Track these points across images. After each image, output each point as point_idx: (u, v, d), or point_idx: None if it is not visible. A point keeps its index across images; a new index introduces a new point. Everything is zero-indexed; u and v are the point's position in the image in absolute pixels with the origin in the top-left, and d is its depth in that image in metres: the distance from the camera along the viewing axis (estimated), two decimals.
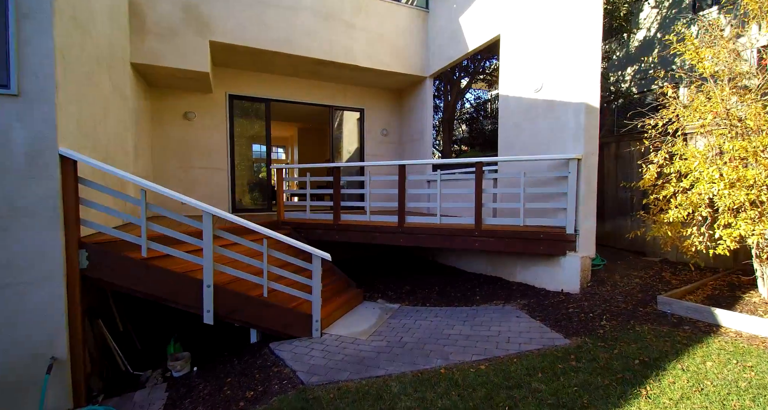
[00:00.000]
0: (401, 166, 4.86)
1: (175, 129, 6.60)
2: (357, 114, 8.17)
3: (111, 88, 4.29)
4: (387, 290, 5.42)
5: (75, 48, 3.34)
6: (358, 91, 8.04)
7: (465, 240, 4.58)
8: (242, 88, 7.05)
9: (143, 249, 3.27)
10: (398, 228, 4.87)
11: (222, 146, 6.96)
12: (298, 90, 7.50)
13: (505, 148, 5.30)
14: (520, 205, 4.40)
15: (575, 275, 4.19)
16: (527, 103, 4.89)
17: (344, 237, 5.25)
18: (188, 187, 6.70)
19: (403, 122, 8.41)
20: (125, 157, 4.78)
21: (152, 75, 5.73)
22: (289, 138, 17.05)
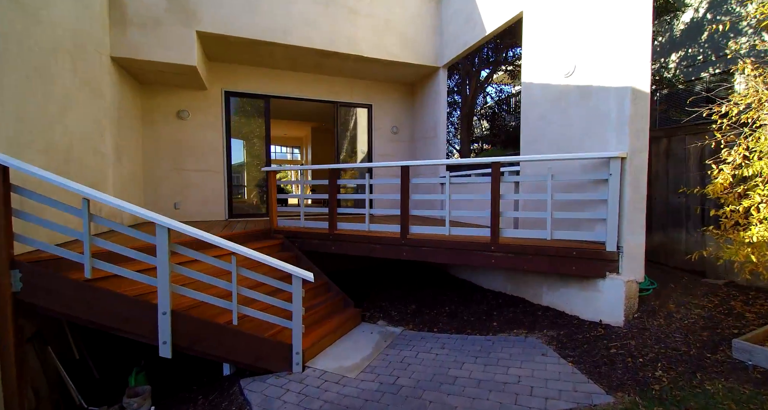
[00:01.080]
0: (404, 168, 4.19)
1: (168, 129, 6.21)
2: (365, 110, 7.55)
3: (78, 82, 3.86)
4: (390, 309, 4.76)
5: (15, 35, 2.89)
6: (365, 85, 7.42)
7: (479, 255, 3.85)
8: (239, 84, 6.59)
9: (86, 268, 2.77)
10: (400, 240, 4.20)
11: (218, 147, 6.52)
12: (301, 85, 6.97)
13: (528, 145, 4.51)
14: (546, 215, 3.63)
15: (618, 303, 3.37)
16: (556, 91, 4.10)
17: (340, 249, 4.63)
18: (181, 191, 6.30)
19: (415, 118, 7.72)
20: (99, 159, 4.37)
21: (138, 70, 5.33)
22: (303, 138, 16.70)
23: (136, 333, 2.90)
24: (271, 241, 4.90)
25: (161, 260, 2.85)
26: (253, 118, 6.88)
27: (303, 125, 13.35)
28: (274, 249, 4.87)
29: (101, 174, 4.44)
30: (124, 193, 5.21)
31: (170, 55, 4.99)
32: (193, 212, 6.39)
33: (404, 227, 4.17)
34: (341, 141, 7.45)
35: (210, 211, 6.49)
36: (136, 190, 5.74)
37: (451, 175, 6.11)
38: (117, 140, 5.00)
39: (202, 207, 6.44)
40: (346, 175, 7.89)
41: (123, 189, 5.18)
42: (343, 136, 7.46)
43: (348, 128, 7.50)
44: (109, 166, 4.68)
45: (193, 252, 2.98)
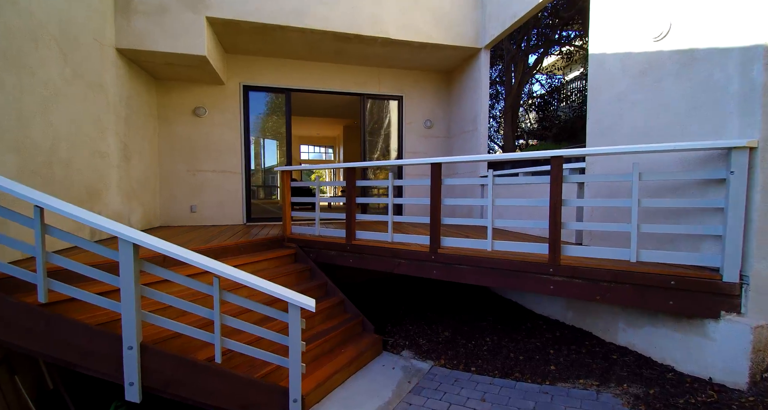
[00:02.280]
0: (435, 165, 3.41)
1: (184, 127, 5.89)
2: (395, 103, 6.82)
3: (68, 75, 3.50)
4: (418, 335, 3.99)
5: None
6: (394, 75, 6.69)
7: (532, 279, 2.98)
8: (258, 78, 6.14)
9: (40, 290, 2.31)
10: (430, 255, 3.43)
11: (235, 146, 6.11)
12: (322, 76, 6.39)
13: (598, 135, 3.54)
14: (629, 228, 2.68)
15: (740, 357, 2.37)
16: (641, 61, 3.11)
17: (360, 263, 3.94)
18: (197, 194, 5.96)
19: (452, 110, 6.85)
20: (98, 161, 4.03)
21: (149, 64, 5.01)
22: (336, 138, 16.36)
23: (98, 371, 2.40)
24: (282, 251, 4.33)
25: (126, 282, 2.32)
26: (273, 114, 6.40)
27: (335, 124, 12.95)
28: (286, 261, 4.29)
29: (101, 177, 4.10)
30: (132, 197, 4.90)
31: (177, 45, 4.58)
32: (210, 216, 6.04)
33: (435, 239, 3.39)
34: (369, 137, 6.78)
35: (227, 215, 6.10)
36: (149, 194, 5.45)
37: (495, 174, 5.25)
38: (124, 140, 4.68)
39: (219, 210, 6.07)
40: (375, 175, 7.20)
41: (131, 193, 4.87)
42: (371, 132, 6.79)
43: (376, 123, 6.82)
44: (111, 168, 4.35)
45: (165, 271, 2.43)
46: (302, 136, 16.45)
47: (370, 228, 5.06)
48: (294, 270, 4.08)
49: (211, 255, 3.83)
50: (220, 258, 3.82)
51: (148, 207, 5.44)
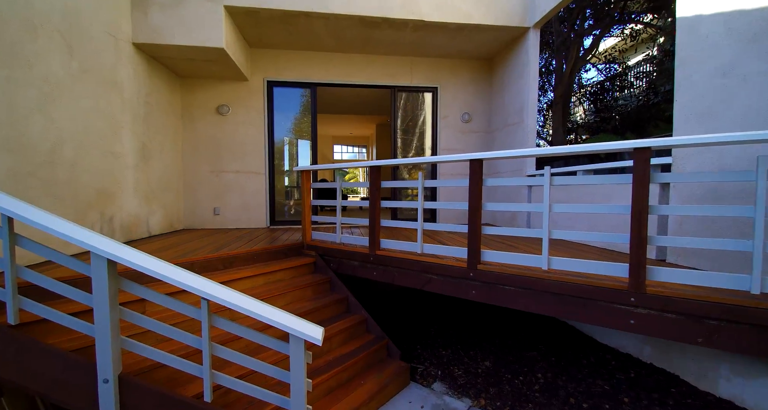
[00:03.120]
0: (475, 162, 2.80)
1: (207, 126, 5.70)
2: (428, 95, 6.23)
3: (75, 69, 3.30)
4: (453, 363, 3.40)
5: None
6: (428, 64, 6.10)
7: (604, 310, 2.30)
8: (282, 72, 5.82)
9: (9, 310, 2.01)
10: (468, 272, 2.83)
11: (259, 145, 5.83)
12: (350, 69, 5.94)
13: (691, 121, 2.75)
14: (747, 246, 1.93)
15: None
16: (755, 19, 2.31)
17: (384, 276, 3.42)
18: (220, 195, 5.74)
19: (493, 102, 6.14)
20: (111, 161, 3.83)
21: (168, 59, 4.82)
22: (369, 137, 15.99)
23: (71, 405, 2.06)
24: (300, 260, 3.91)
25: (99, 303, 1.95)
26: (299, 111, 6.05)
27: (367, 122, 12.56)
28: (304, 271, 3.87)
29: (114, 178, 3.90)
30: (152, 199, 4.72)
31: (194, 37, 4.32)
32: (233, 218, 5.80)
33: (474, 251, 2.79)
34: (401, 135, 6.24)
35: (250, 217, 5.84)
36: (171, 196, 5.29)
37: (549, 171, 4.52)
38: (143, 140, 4.50)
39: (242, 213, 5.82)
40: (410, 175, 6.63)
41: (150, 195, 4.69)
42: (404, 129, 6.24)
43: (410, 122, 6.26)
44: (127, 169, 4.16)
45: (146, 291, 2.04)
46: (336, 136, 16.25)
47: (399, 236, 4.52)
48: (312, 282, 3.64)
49: (220, 265, 3.50)
50: (230, 267, 3.47)
51: (170, 209, 5.27)
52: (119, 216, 4.00)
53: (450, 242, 3.99)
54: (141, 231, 4.47)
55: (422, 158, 6.06)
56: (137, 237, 4.39)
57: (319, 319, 3.35)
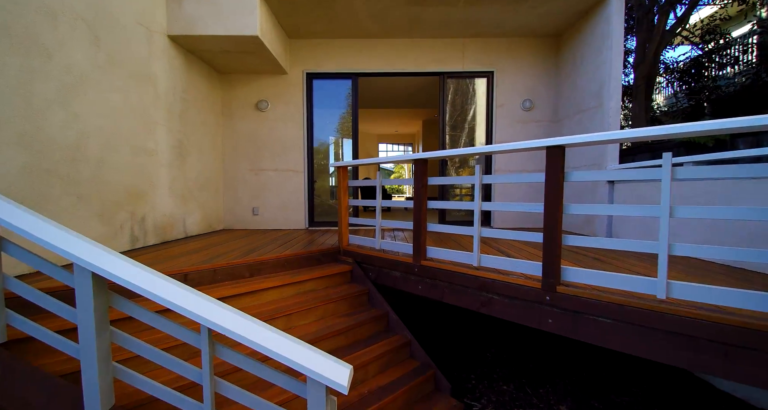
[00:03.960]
0: (554, 150, 2.10)
1: (246, 123, 5.50)
2: (482, 81, 5.51)
3: (102, 61, 3.13)
4: (516, 404, 2.73)
5: None
6: (482, 45, 5.38)
7: (753, 360, 1.52)
8: (322, 63, 5.45)
9: None
10: (543, 295, 2.15)
11: (298, 142, 5.52)
12: (394, 55, 5.42)
13: None
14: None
15: None
16: None
17: (431, 292, 2.83)
18: (259, 195, 5.52)
19: (561, 86, 5.26)
20: (143, 159, 3.66)
21: (206, 53, 4.64)
22: (415, 134, 15.42)
23: None
24: (335, 267, 3.45)
25: (84, 323, 1.61)
26: (338, 103, 5.64)
27: (413, 118, 12.00)
28: (339, 281, 3.41)
29: (146, 176, 3.74)
30: (189, 198, 4.56)
31: (229, 26, 4.06)
32: (271, 219, 5.55)
33: (551, 267, 2.10)
34: (450, 131, 5.58)
35: (289, 218, 5.54)
36: (210, 195, 5.13)
37: (647, 165, 3.66)
38: (179, 137, 4.34)
39: (281, 213, 5.54)
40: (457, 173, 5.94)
41: (187, 194, 4.53)
42: (451, 123, 5.57)
43: (459, 115, 5.59)
44: (161, 167, 3.99)
45: (140, 310, 1.67)
46: (381, 134, 15.88)
47: (449, 243, 3.90)
48: (348, 294, 3.16)
49: (246, 273, 3.14)
50: (257, 275, 3.10)
51: (209, 209, 5.12)
52: (152, 217, 3.84)
53: (515, 253, 3.29)
54: (177, 232, 4.32)
55: (479, 147, 5.38)
56: (172, 238, 4.23)
57: (354, 340, 2.86)
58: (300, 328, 2.72)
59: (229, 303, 2.70)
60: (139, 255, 3.26)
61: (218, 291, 2.64)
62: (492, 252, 3.28)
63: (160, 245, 3.85)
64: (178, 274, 2.67)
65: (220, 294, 2.61)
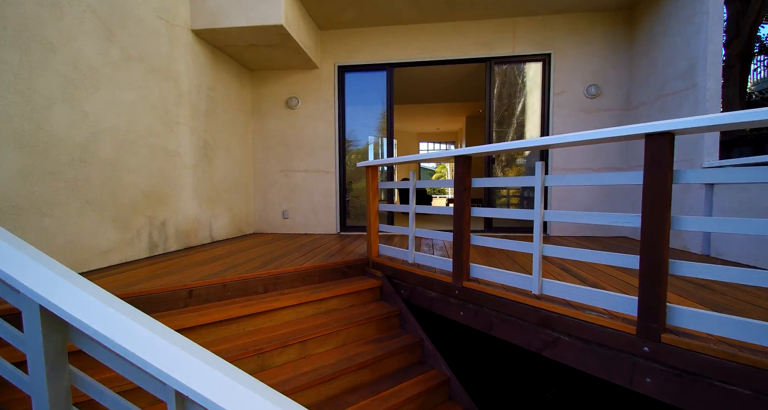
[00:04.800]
0: (658, 140, 1.47)
1: (276, 121, 5.25)
2: (537, 66, 4.79)
3: (117, 56, 2.95)
4: None
5: None
6: (537, 24, 4.67)
7: None
8: (354, 55, 5.05)
9: None
10: (638, 343, 1.53)
11: (329, 140, 5.16)
12: (433, 42, 4.88)
13: None
14: None
15: None
16: None
17: (477, 322, 2.28)
18: (289, 197, 5.24)
19: (636, 66, 4.41)
20: (162, 159, 3.47)
21: (232, 48, 4.42)
22: (458, 132, 14.66)
23: None
24: (363, 282, 3.01)
25: (35, 365, 1.29)
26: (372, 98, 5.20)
27: (455, 114, 11.33)
28: (366, 298, 2.96)
29: (168, 179, 3.54)
30: (216, 201, 4.36)
31: (252, 17, 3.77)
32: (302, 222, 5.25)
33: (651, 304, 1.48)
34: (496, 121, 4.93)
35: (320, 222, 5.21)
36: (239, 197, 4.93)
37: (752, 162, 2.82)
38: (204, 137, 4.14)
39: (311, 216, 5.22)
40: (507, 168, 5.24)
41: (214, 197, 4.33)
42: (497, 118, 4.91)
43: (503, 107, 4.91)
44: (185, 169, 3.80)
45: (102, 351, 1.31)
46: (421, 133, 15.30)
47: (500, 257, 3.30)
48: (376, 316, 2.70)
49: (260, 288, 2.76)
50: (272, 290, 2.73)
51: (239, 212, 4.92)
52: (174, 221, 3.64)
53: (588, 274, 2.63)
54: (202, 236, 4.12)
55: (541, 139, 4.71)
56: (197, 243, 4.03)
57: (381, 374, 2.38)
58: (316, 358, 2.30)
59: (238, 325, 2.35)
60: (151, 263, 3.04)
61: (226, 311, 2.30)
62: (555, 271, 2.65)
63: (182, 252, 3.64)
64: (183, 290, 2.37)
65: (227, 314, 2.26)
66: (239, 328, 2.32)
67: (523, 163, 5.08)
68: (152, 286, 2.33)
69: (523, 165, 5.08)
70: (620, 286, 2.22)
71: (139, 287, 2.30)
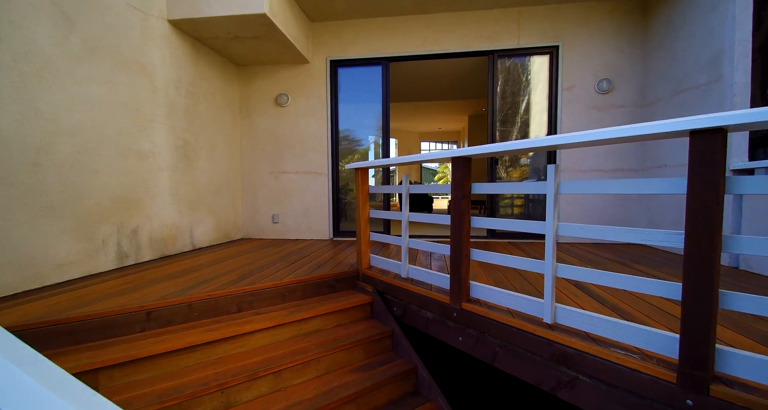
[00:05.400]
0: (706, 137, 1.17)
1: (265, 120, 4.96)
2: (543, 60, 4.48)
3: (77, 46, 2.67)
4: None
5: None
6: (544, 14, 4.36)
7: None
8: (349, 48, 4.75)
9: None
10: (677, 393, 1.22)
11: (321, 140, 4.87)
12: (433, 34, 4.57)
13: None
14: None
15: None
16: None
17: (477, 350, 1.98)
18: (279, 200, 4.95)
19: (653, 59, 4.09)
20: (134, 160, 3.18)
21: (215, 40, 4.13)
22: (460, 131, 14.35)
23: None
24: (351, 298, 2.72)
25: None
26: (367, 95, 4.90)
27: (458, 113, 11.03)
28: (354, 316, 2.66)
29: (140, 182, 3.26)
30: (198, 206, 4.08)
31: (233, 5, 3.49)
32: (293, 227, 4.96)
33: (696, 346, 1.18)
34: (500, 117, 4.62)
35: (311, 226, 4.92)
36: (226, 201, 4.65)
37: None
38: (185, 136, 3.86)
39: (303, 220, 4.93)
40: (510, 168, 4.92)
41: (196, 201, 4.05)
42: (501, 117, 4.60)
43: (507, 106, 4.60)
44: (160, 171, 3.52)
45: None
46: (423, 133, 15.00)
47: (504, 274, 3.00)
48: (365, 337, 2.40)
49: (232, 307, 2.48)
50: (248, 309, 2.44)
51: (225, 217, 4.64)
52: (148, 228, 3.36)
53: (609, 294, 2.33)
54: (182, 244, 3.84)
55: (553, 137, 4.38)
56: (176, 251, 3.75)
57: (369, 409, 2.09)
58: (293, 390, 2.01)
59: (202, 353, 2.05)
60: (117, 276, 2.75)
61: (188, 336, 2.01)
62: (569, 289, 2.34)
63: (157, 262, 3.36)
64: (140, 312, 2.08)
65: (189, 340, 1.97)
66: (204, 356, 2.03)
67: (527, 164, 4.76)
68: (105, 308, 2.04)
69: (527, 165, 4.76)
70: (647, 310, 1.92)
71: (89, 309, 2.02)
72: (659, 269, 2.90)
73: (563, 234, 1.61)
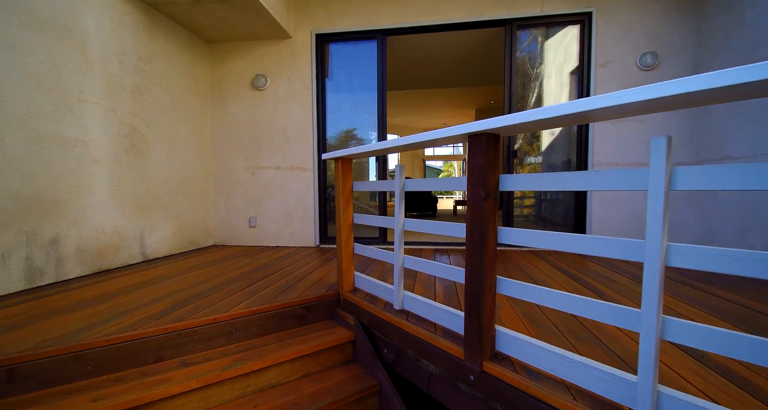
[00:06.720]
0: None
1: (240, 106, 4.28)
2: (572, 31, 3.75)
3: None
4: None
5: None
6: None
7: None
8: (337, 20, 4.05)
9: None
10: None
11: (306, 129, 4.18)
12: (437, 2, 3.86)
13: None
14: None
15: None
16: None
17: None
18: (256, 200, 4.27)
19: (709, 27, 3.35)
20: (54, 150, 2.51)
21: (171, 6, 3.44)
22: None
23: None
24: (329, 333, 2.01)
25: None
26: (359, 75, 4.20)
27: (464, 106, 10.34)
28: (330, 361, 1.96)
29: (62, 179, 2.58)
30: (152, 207, 3.39)
31: None
32: (272, 232, 4.27)
33: None
34: (517, 102, 3.89)
35: (294, 232, 4.22)
36: (191, 201, 3.96)
37: None
38: (131, 122, 3.18)
39: (284, 224, 4.24)
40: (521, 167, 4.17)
41: (150, 202, 3.36)
42: (522, 92, 3.88)
43: (532, 76, 3.87)
44: (95, 165, 2.83)
45: None
46: (426, 129, 14.28)
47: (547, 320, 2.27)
48: (340, 398, 1.70)
49: (150, 356, 1.72)
50: (170, 358, 1.72)
51: (190, 220, 3.96)
52: (75, 237, 2.68)
53: None
54: (127, 255, 3.16)
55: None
56: (119, 264, 3.07)
57: None
58: None
59: None
60: (12, 304, 2.07)
61: (68, 406, 1.32)
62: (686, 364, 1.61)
63: (87, 279, 2.68)
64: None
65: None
66: None
67: (539, 162, 4.01)
68: None
69: (537, 163, 4.01)
70: None
71: None
72: None
73: (675, 264, 0.89)
